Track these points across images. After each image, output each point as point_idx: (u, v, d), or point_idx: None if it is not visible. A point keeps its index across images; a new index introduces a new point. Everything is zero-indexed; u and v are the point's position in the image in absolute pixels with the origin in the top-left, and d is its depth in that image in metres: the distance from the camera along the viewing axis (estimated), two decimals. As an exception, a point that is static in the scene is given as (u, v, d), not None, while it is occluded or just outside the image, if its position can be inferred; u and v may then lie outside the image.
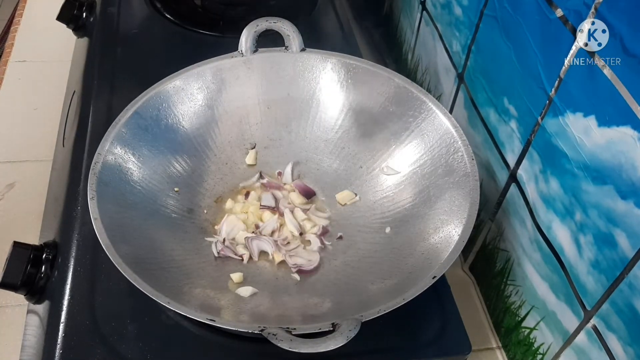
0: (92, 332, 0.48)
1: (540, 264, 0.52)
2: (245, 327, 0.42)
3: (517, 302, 0.57)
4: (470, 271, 0.67)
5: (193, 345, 0.49)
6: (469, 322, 0.53)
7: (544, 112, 0.49)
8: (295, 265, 0.54)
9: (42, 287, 0.53)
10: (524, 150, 0.53)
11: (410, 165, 0.59)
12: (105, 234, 0.46)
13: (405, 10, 0.83)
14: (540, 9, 0.48)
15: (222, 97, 0.63)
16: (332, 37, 0.82)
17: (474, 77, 0.62)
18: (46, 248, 0.55)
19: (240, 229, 0.56)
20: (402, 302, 0.43)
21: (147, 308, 0.49)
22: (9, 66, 0.89)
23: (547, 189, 0.50)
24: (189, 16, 0.83)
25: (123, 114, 0.55)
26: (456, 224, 0.50)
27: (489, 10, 0.57)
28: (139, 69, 0.72)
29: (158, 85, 0.59)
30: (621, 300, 0.42)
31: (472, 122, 0.63)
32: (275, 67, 0.63)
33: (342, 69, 0.63)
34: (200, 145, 0.61)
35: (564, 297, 0.49)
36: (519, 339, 0.57)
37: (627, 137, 0.39)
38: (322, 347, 0.39)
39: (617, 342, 0.43)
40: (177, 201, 0.57)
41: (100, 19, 0.81)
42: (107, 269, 0.51)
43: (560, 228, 0.49)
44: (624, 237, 0.41)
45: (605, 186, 0.42)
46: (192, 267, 0.52)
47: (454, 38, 0.66)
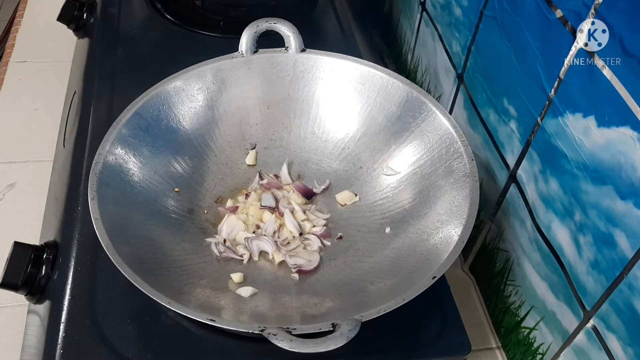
0: (93, 332, 0.48)
1: (539, 264, 0.52)
2: (245, 327, 0.42)
3: (517, 302, 0.57)
4: (470, 271, 0.67)
5: (193, 345, 0.49)
6: (469, 322, 0.53)
7: (544, 112, 0.49)
8: (295, 265, 0.54)
9: (43, 287, 0.53)
10: (523, 150, 0.53)
11: (410, 165, 0.59)
12: (105, 234, 0.46)
13: (405, 11, 0.83)
14: (540, 10, 0.48)
15: (222, 97, 0.63)
16: (332, 37, 0.82)
17: (473, 77, 0.62)
18: (47, 248, 0.55)
19: (240, 229, 0.56)
20: (402, 302, 0.43)
21: (147, 308, 0.49)
22: (9, 66, 0.89)
23: (546, 189, 0.50)
24: (189, 17, 0.83)
25: (124, 115, 0.55)
26: (456, 224, 0.50)
27: (488, 11, 0.57)
28: (140, 70, 0.72)
29: (158, 86, 0.59)
30: (621, 301, 0.42)
31: (472, 122, 0.63)
32: (275, 67, 0.63)
33: (342, 69, 0.63)
34: (200, 146, 0.61)
35: (564, 297, 0.49)
36: (519, 339, 0.57)
37: (626, 137, 0.40)
38: (322, 347, 0.39)
39: (616, 342, 0.43)
40: (178, 201, 0.57)
41: (100, 19, 0.81)
42: (107, 269, 0.51)
43: (560, 228, 0.49)
44: (623, 238, 0.41)
45: (605, 186, 0.42)
46: (192, 267, 0.52)
47: (454, 38, 0.66)
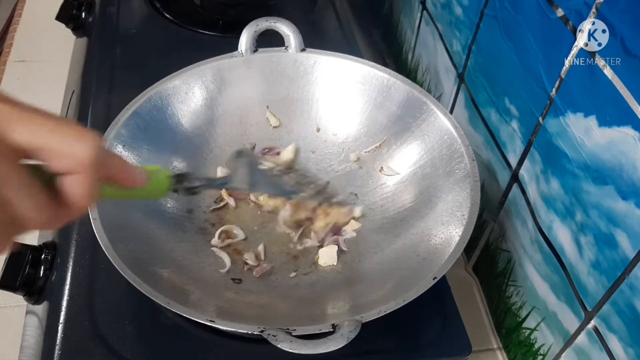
0: (91, 333, 0.48)
1: (541, 264, 0.52)
2: (245, 328, 0.41)
3: (518, 302, 0.57)
4: (473, 271, 0.67)
5: (192, 345, 0.49)
6: (471, 322, 0.53)
7: (545, 112, 0.49)
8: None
9: (41, 287, 0.53)
10: (525, 150, 0.53)
11: (411, 166, 0.59)
12: (104, 234, 0.46)
13: (406, 10, 0.82)
14: (541, 9, 0.48)
15: (221, 97, 0.62)
16: (332, 37, 0.82)
17: (474, 77, 0.62)
18: (45, 248, 0.55)
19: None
20: (403, 303, 0.43)
21: (147, 308, 0.49)
22: (8, 66, 0.89)
23: (548, 189, 0.50)
24: (188, 16, 0.83)
25: (122, 114, 0.55)
26: (457, 224, 0.49)
27: (489, 10, 0.57)
28: (139, 69, 0.72)
29: (157, 85, 0.58)
30: (622, 301, 0.42)
31: (473, 122, 0.63)
32: (275, 67, 0.63)
33: (342, 69, 0.62)
34: (200, 145, 0.61)
35: (565, 298, 0.49)
36: (520, 340, 0.57)
37: (627, 137, 0.39)
38: (322, 348, 0.39)
39: (617, 343, 0.43)
40: (177, 201, 0.57)
41: (99, 18, 0.81)
42: (106, 269, 0.51)
43: (561, 228, 0.48)
44: (624, 238, 0.41)
45: (606, 186, 0.42)
46: (192, 267, 0.52)
47: (455, 38, 0.65)
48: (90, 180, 0.30)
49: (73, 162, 0.29)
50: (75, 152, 0.29)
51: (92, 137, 0.29)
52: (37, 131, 0.28)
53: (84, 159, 0.29)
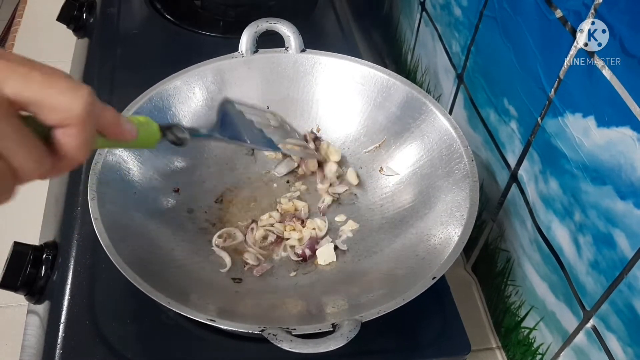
0: (92, 332, 0.48)
1: (539, 264, 0.52)
2: (245, 328, 0.42)
3: (517, 302, 0.57)
4: (472, 271, 0.67)
5: (193, 345, 0.49)
6: (470, 322, 0.53)
7: (544, 112, 0.49)
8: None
9: (42, 287, 0.53)
10: (524, 150, 0.53)
11: (410, 166, 0.59)
12: (105, 234, 0.46)
13: (405, 11, 0.83)
14: (540, 10, 0.48)
15: (222, 97, 0.62)
16: (332, 37, 0.82)
17: (473, 77, 0.62)
18: (46, 248, 0.55)
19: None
20: (402, 303, 0.43)
21: (147, 308, 0.49)
22: (9, 66, 0.89)
23: (546, 189, 0.50)
24: (189, 17, 0.83)
25: (123, 114, 0.55)
26: (456, 225, 0.50)
27: (488, 11, 0.57)
28: (139, 70, 0.72)
29: (158, 86, 0.59)
30: (620, 301, 0.42)
31: (472, 122, 0.63)
32: (276, 67, 0.63)
33: (342, 69, 0.63)
34: (200, 146, 0.61)
35: (564, 298, 0.49)
36: (519, 339, 0.57)
37: (626, 137, 0.39)
38: (322, 347, 0.39)
39: (616, 342, 0.43)
40: (178, 201, 0.57)
41: (100, 19, 0.81)
42: (107, 269, 0.51)
43: (560, 228, 0.49)
44: (623, 238, 0.41)
45: (605, 186, 0.42)
46: (192, 267, 0.52)
47: (454, 39, 0.66)
48: (83, 133, 0.30)
49: (66, 115, 0.29)
50: (68, 105, 0.29)
51: (85, 90, 0.29)
52: (30, 85, 0.28)
53: (77, 112, 0.29)
